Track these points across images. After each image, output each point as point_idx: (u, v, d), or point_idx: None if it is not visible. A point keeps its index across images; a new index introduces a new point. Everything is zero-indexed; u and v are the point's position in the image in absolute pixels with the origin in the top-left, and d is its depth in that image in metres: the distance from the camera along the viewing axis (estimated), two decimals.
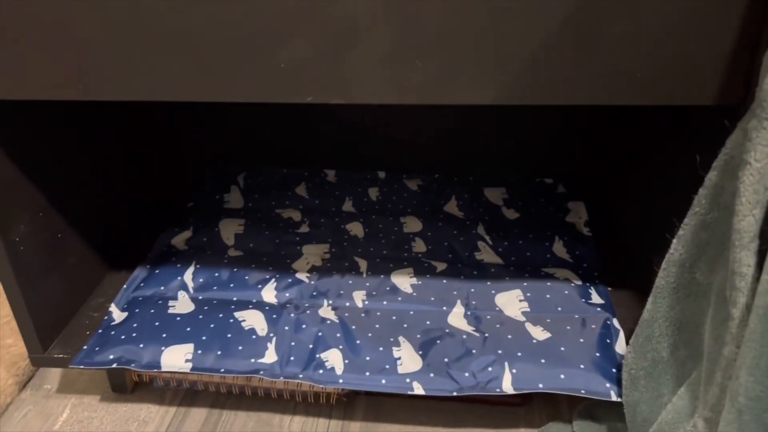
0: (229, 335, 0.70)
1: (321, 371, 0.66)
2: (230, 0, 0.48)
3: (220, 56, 0.51)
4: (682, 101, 0.51)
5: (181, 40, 0.50)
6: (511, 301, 0.74)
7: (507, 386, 0.64)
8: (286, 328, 0.71)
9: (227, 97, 0.53)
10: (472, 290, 0.76)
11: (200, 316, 0.72)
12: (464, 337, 0.69)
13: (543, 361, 0.66)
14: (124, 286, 0.78)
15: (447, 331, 0.70)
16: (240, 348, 0.68)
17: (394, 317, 0.73)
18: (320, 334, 0.70)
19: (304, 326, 0.71)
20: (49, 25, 0.50)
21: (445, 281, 0.78)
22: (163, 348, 0.68)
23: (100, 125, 0.80)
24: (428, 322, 0.72)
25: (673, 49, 0.49)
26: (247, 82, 0.52)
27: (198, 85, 0.52)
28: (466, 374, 0.65)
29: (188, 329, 0.70)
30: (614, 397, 0.62)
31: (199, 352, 0.68)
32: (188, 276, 0.79)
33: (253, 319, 0.72)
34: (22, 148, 0.64)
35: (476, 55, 0.50)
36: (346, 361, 0.67)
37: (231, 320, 0.72)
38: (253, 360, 0.67)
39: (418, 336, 0.70)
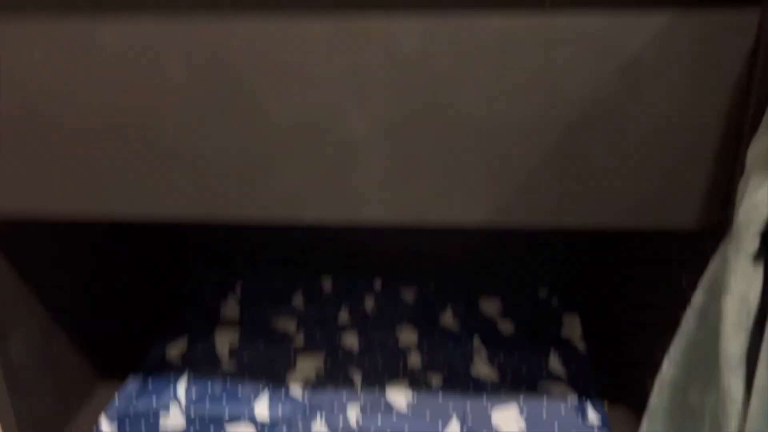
0: None
1: None
2: (234, 125, 0.52)
3: (224, 178, 0.53)
4: (663, 225, 0.53)
5: (186, 163, 0.53)
6: (508, 419, 0.73)
7: None
8: None
9: (229, 217, 0.55)
10: (469, 407, 0.76)
11: None
12: None
13: None
14: (116, 399, 0.77)
15: None
16: None
17: None
18: None
19: None
20: (54, 145, 0.53)
21: (440, 397, 0.77)
22: None
23: (99, 236, 0.82)
24: None
25: (653, 177, 0.51)
26: (249, 203, 0.54)
27: (201, 205, 0.55)
28: None
29: None
30: None
31: None
32: (181, 389, 0.78)
33: None
34: (26, 261, 0.65)
35: (468, 179, 0.53)
36: None
37: None
38: None
39: None
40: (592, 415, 0.74)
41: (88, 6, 0.49)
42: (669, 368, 0.53)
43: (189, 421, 0.73)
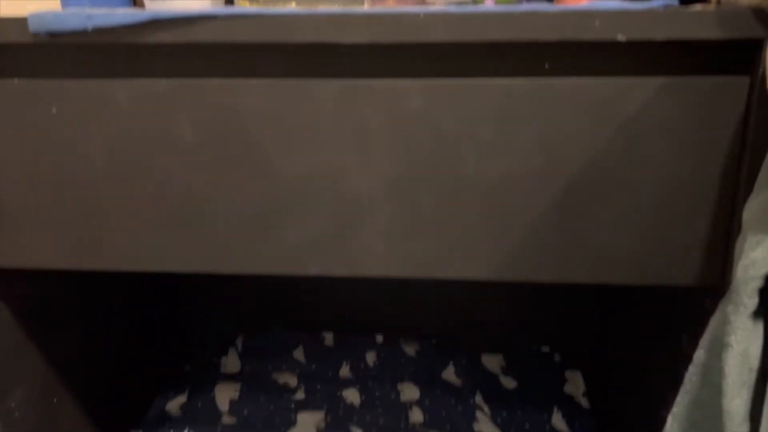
0: None
1: None
2: (241, 182, 0.53)
3: (230, 232, 0.54)
4: (663, 282, 0.54)
5: (193, 217, 0.54)
6: None
7: None
8: None
9: (235, 270, 0.56)
10: None
11: None
12: None
13: None
14: None
15: None
16: None
17: None
18: None
19: None
20: (64, 197, 0.54)
21: None
22: None
23: (100, 289, 0.82)
24: None
25: (654, 235, 0.52)
26: (254, 256, 0.55)
27: (207, 258, 0.55)
28: None
29: None
30: None
31: None
32: None
33: None
34: (31, 315, 0.66)
35: (469, 236, 0.54)
36: None
37: None
38: None
39: None
40: None
41: (104, 68, 0.51)
42: (673, 425, 0.52)
43: None
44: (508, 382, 0.91)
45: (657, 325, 0.74)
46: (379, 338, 1.02)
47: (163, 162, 0.53)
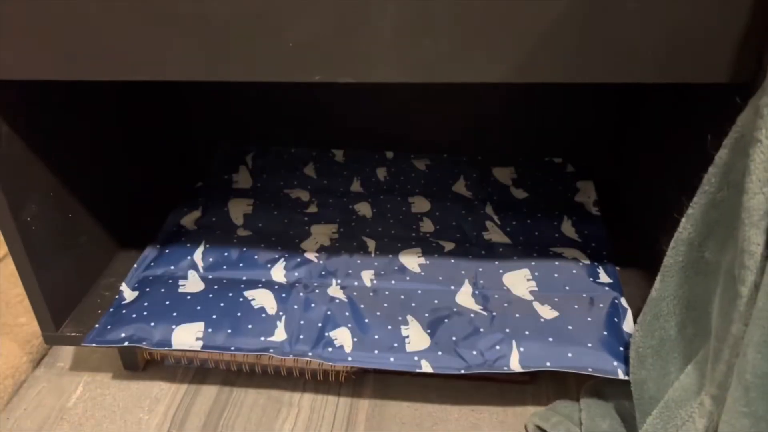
0: (239, 314, 0.70)
1: (330, 349, 0.67)
2: None
3: (227, 35, 0.51)
4: (693, 79, 0.50)
5: (188, 19, 0.50)
6: (519, 281, 0.75)
7: (515, 364, 0.64)
8: (296, 307, 0.71)
9: (234, 77, 0.53)
10: (480, 269, 0.77)
11: (210, 295, 0.73)
12: (472, 315, 0.70)
13: (550, 339, 0.66)
14: (135, 266, 0.79)
15: (455, 310, 0.71)
16: (250, 326, 0.69)
17: (402, 296, 0.73)
18: (329, 312, 0.70)
19: (313, 305, 0.71)
20: (55, 3, 0.50)
21: (453, 261, 0.78)
22: (173, 327, 0.69)
23: (110, 105, 0.80)
24: (436, 301, 0.72)
25: (684, 27, 0.48)
26: (253, 61, 0.52)
27: (204, 64, 0.52)
28: (474, 352, 0.66)
29: (198, 308, 0.71)
30: (621, 376, 0.63)
31: (210, 330, 0.68)
32: (198, 255, 0.80)
33: (263, 298, 0.72)
34: (32, 128, 0.64)
35: (487, 32, 0.49)
36: (355, 340, 0.68)
37: (241, 299, 0.72)
38: (263, 338, 0.68)
39: (426, 315, 0.70)
40: (604, 276, 0.75)
41: None
42: (687, 227, 0.53)
43: (207, 285, 0.75)
44: (519, 193, 0.92)
45: (677, 129, 0.72)
46: (390, 154, 1.01)
47: None
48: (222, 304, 0.71)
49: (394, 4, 0.49)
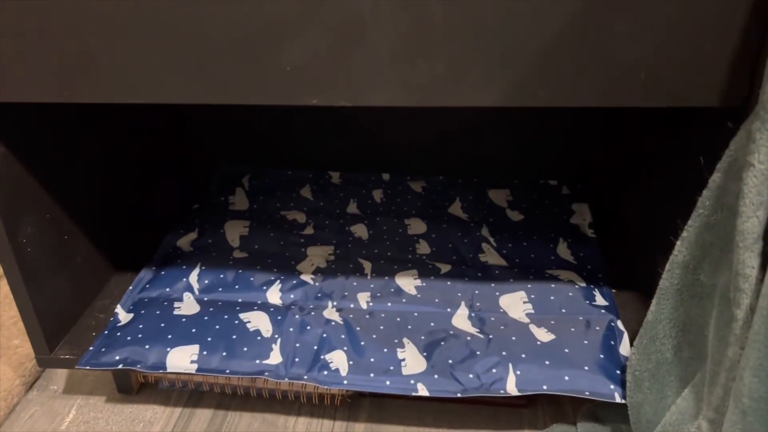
0: (234, 336, 0.70)
1: (326, 372, 0.67)
2: (234, 2, 0.49)
3: (225, 58, 0.51)
4: (686, 103, 0.51)
5: (186, 43, 0.50)
6: (516, 303, 0.75)
7: (511, 388, 0.64)
8: (291, 329, 0.71)
9: (231, 100, 0.53)
10: (476, 292, 0.77)
11: (205, 318, 0.72)
12: (468, 338, 0.70)
13: (547, 362, 0.66)
14: (130, 288, 0.79)
15: (451, 332, 0.71)
16: (245, 349, 0.68)
17: (398, 319, 0.73)
18: (325, 335, 0.70)
19: (308, 327, 0.71)
20: (51, 28, 0.50)
21: (449, 283, 0.78)
22: (168, 349, 0.68)
23: (108, 126, 0.80)
24: (432, 324, 0.72)
25: (676, 51, 0.49)
26: (251, 85, 0.52)
27: (202, 87, 0.53)
28: (471, 376, 0.65)
29: (193, 330, 0.71)
30: (618, 399, 0.62)
31: (205, 353, 0.68)
32: (193, 277, 0.79)
33: (258, 321, 0.72)
34: (29, 149, 0.64)
35: (481, 57, 0.50)
36: (351, 363, 0.67)
37: (236, 321, 0.72)
38: (258, 361, 0.67)
39: (423, 337, 0.70)
40: (600, 298, 0.75)
41: None
42: (682, 249, 0.53)
43: (203, 307, 0.74)
44: (515, 215, 0.92)
45: (671, 152, 0.72)
46: (386, 176, 1.01)
47: None
48: (217, 327, 0.71)
49: (390, 29, 0.49)
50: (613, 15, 0.47)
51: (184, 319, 0.72)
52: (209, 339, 0.69)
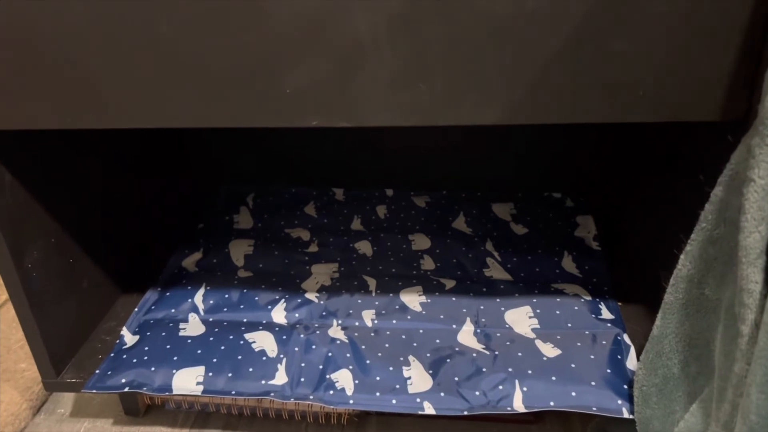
0: (239, 357, 0.70)
1: (331, 392, 0.66)
2: (235, 27, 0.49)
3: (225, 82, 0.51)
4: (685, 117, 0.51)
5: (187, 67, 0.51)
6: (521, 318, 0.74)
7: (518, 404, 0.64)
8: (296, 349, 0.71)
9: (232, 123, 0.54)
10: (482, 307, 0.76)
11: (211, 339, 0.73)
12: (474, 355, 0.69)
13: (554, 378, 0.65)
14: (136, 310, 0.79)
15: (457, 349, 0.70)
16: (251, 370, 0.68)
17: (403, 336, 0.73)
18: (330, 354, 0.70)
19: (314, 347, 0.71)
20: (55, 54, 0.51)
21: (454, 299, 0.78)
22: (174, 371, 0.68)
23: (111, 149, 0.81)
24: (438, 341, 0.72)
25: (675, 66, 0.49)
26: (252, 108, 0.53)
27: (203, 111, 0.53)
28: (477, 393, 0.65)
29: (199, 352, 0.71)
30: (626, 414, 0.62)
31: (210, 374, 0.68)
32: (198, 298, 0.79)
33: (264, 341, 0.72)
34: (33, 175, 0.65)
35: (480, 76, 0.50)
36: (357, 382, 0.67)
37: (241, 342, 0.72)
38: (263, 382, 0.67)
39: (428, 355, 0.70)
40: (606, 312, 0.74)
41: None
42: (686, 263, 0.52)
43: (208, 328, 0.75)
44: (519, 229, 0.92)
45: (673, 165, 0.72)
46: (389, 192, 1.01)
47: (148, 10, 0.48)
48: (222, 347, 0.71)
49: (389, 53, 0.49)
50: (610, 34, 0.47)
51: (189, 341, 0.72)
52: (215, 360, 0.69)
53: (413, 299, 0.78)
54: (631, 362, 0.67)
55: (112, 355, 0.72)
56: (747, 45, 0.48)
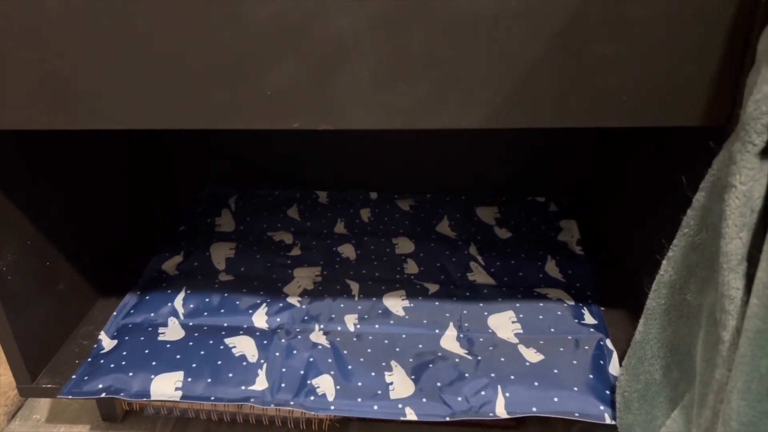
0: (219, 362, 0.69)
1: (312, 398, 0.66)
2: (215, 27, 0.48)
3: (206, 84, 0.51)
4: (667, 123, 0.51)
5: (167, 68, 0.50)
6: (504, 323, 0.74)
7: (500, 410, 0.63)
8: (277, 354, 0.70)
9: (212, 125, 0.53)
10: (465, 312, 0.76)
11: (190, 343, 0.71)
12: (457, 360, 0.69)
13: (536, 383, 0.65)
14: (114, 313, 0.77)
15: (440, 354, 0.70)
16: (230, 375, 0.67)
17: (386, 341, 0.72)
18: (311, 359, 0.69)
19: (295, 352, 0.70)
20: (30, 52, 0.50)
21: (437, 303, 0.77)
22: (152, 376, 0.67)
23: (90, 150, 0.80)
24: (420, 346, 0.71)
25: (657, 71, 0.49)
26: (233, 109, 0.52)
27: (181, 112, 0.52)
28: (459, 398, 0.64)
29: (178, 356, 0.69)
30: (608, 420, 0.62)
31: (189, 379, 0.67)
32: (178, 302, 0.78)
33: (244, 346, 0.71)
34: (8, 175, 0.63)
35: (462, 80, 0.50)
36: (338, 387, 0.66)
37: (221, 347, 0.71)
38: (243, 387, 0.66)
39: (411, 360, 0.69)
40: (588, 317, 0.74)
41: None
42: (668, 269, 0.52)
43: (188, 332, 0.73)
44: (503, 233, 0.92)
45: (656, 170, 0.72)
46: (374, 195, 1.01)
47: (126, 7, 0.48)
48: (202, 352, 0.70)
49: (371, 54, 0.49)
50: (593, 39, 0.47)
51: (168, 345, 0.71)
52: (194, 365, 0.68)
53: (396, 303, 0.78)
54: (614, 368, 0.67)
55: (89, 359, 0.71)
56: (729, 51, 0.48)
